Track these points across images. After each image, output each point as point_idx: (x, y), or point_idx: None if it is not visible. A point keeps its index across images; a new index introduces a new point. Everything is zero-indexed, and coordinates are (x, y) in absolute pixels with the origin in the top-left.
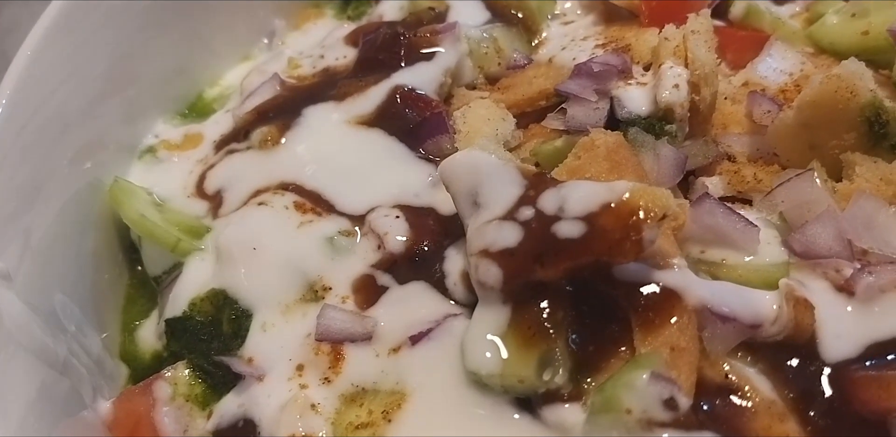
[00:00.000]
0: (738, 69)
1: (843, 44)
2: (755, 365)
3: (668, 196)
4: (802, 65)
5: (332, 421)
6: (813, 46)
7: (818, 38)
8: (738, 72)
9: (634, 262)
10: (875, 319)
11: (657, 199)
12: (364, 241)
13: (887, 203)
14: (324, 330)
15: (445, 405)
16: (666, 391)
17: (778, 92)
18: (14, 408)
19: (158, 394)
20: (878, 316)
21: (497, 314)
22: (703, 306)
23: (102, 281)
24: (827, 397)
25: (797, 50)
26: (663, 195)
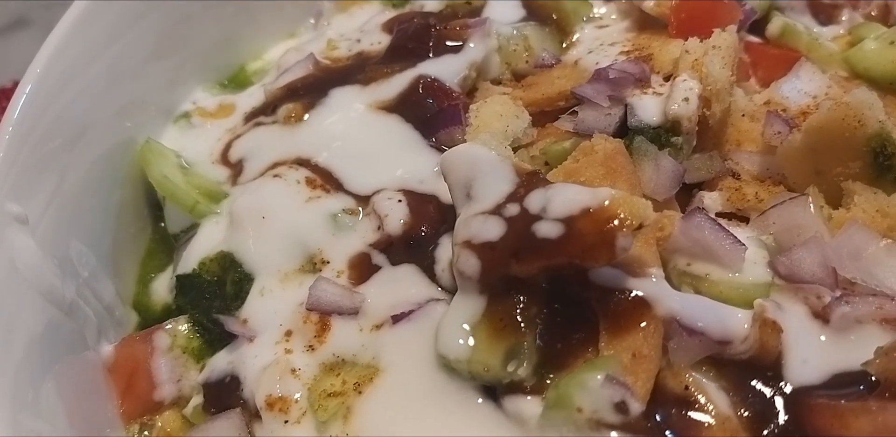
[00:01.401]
0: (767, 87)
1: (878, 70)
2: (717, 380)
3: (647, 207)
4: (829, 88)
5: (309, 387)
6: (848, 71)
7: (854, 63)
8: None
9: (611, 268)
10: (846, 349)
11: (636, 208)
12: (365, 220)
13: (879, 236)
14: (315, 300)
15: (414, 384)
16: (618, 395)
17: (798, 113)
18: (18, 344)
19: (158, 344)
20: (850, 346)
21: (473, 304)
22: (673, 318)
23: (125, 233)
24: (781, 419)
25: (829, 73)
26: (642, 206)
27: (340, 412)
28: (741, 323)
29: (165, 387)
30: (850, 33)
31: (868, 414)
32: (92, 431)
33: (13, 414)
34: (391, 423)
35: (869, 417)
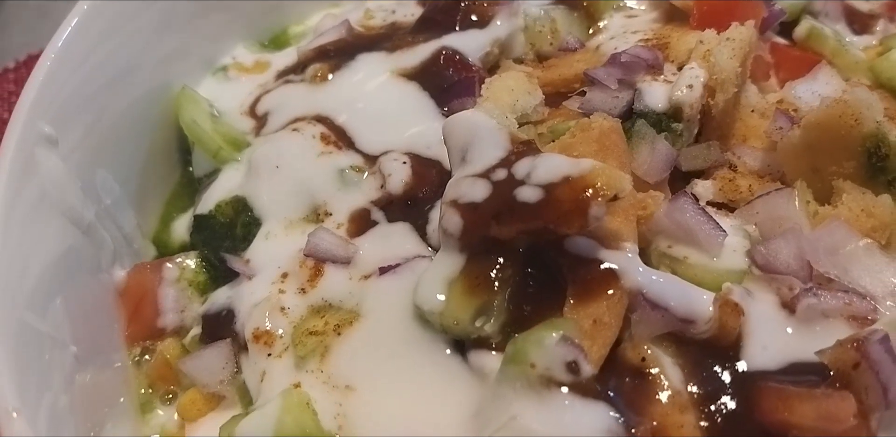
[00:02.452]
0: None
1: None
2: (675, 356)
3: (623, 179)
4: (844, 93)
5: (294, 325)
6: (872, 80)
7: (878, 72)
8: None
9: (587, 238)
10: (808, 340)
11: (613, 180)
12: (370, 178)
13: (860, 235)
14: (312, 247)
15: (389, 331)
16: (570, 355)
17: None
18: (36, 257)
19: (166, 274)
20: (813, 338)
21: (453, 261)
22: (639, 291)
23: (153, 172)
24: (730, 399)
25: (852, 80)
26: (620, 178)
27: (318, 350)
28: (707, 305)
29: (169, 316)
30: (881, 44)
31: (813, 400)
32: (93, 345)
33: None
34: (363, 364)
35: (813, 403)
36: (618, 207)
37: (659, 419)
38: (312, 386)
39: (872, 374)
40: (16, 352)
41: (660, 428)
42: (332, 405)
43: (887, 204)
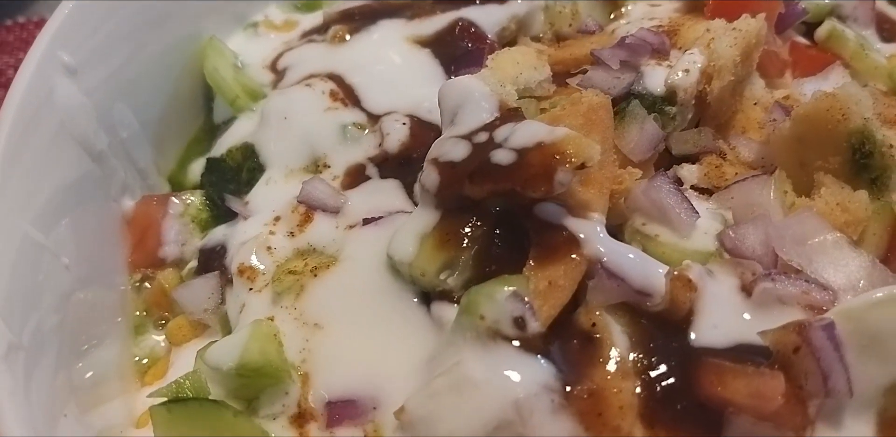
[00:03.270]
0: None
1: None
2: (625, 325)
3: (592, 148)
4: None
5: (278, 264)
6: (891, 86)
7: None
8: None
9: (556, 205)
10: (760, 324)
11: (582, 148)
12: (370, 136)
13: (831, 228)
14: (306, 195)
15: (362, 277)
16: (518, 310)
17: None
18: (47, 180)
19: (171, 208)
20: (766, 323)
21: (428, 216)
22: (599, 259)
23: (176, 115)
24: (673, 371)
25: (869, 85)
26: (590, 147)
27: (294, 288)
28: (664, 279)
29: (170, 247)
30: None
31: (745, 377)
32: (95, 267)
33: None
34: (333, 305)
35: (745, 380)
36: (593, 179)
37: (598, 381)
38: (284, 321)
39: (813, 360)
40: (13, 263)
41: (597, 391)
42: (299, 341)
43: (863, 200)
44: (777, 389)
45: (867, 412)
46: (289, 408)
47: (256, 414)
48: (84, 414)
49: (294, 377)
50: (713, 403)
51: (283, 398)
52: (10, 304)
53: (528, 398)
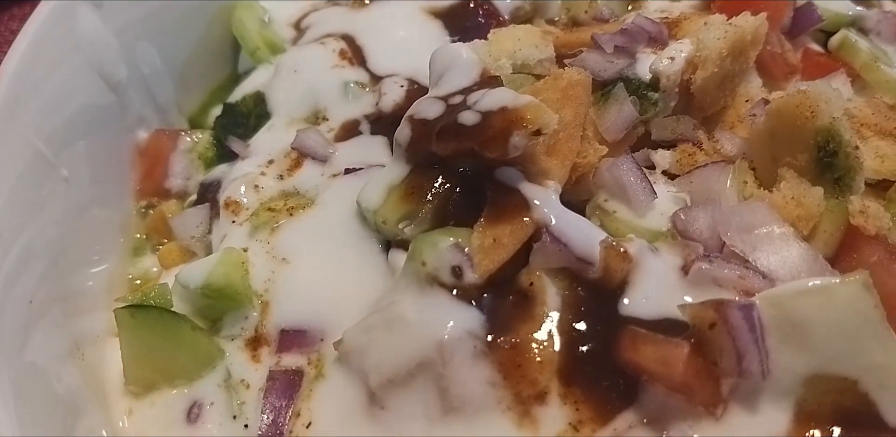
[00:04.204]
0: None
1: None
2: (562, 288)
3: (550, 117)
4: (849, 102)
5: (261, 201)
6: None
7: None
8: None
9: (516, 170)
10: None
11: (541, 116)
12: (369, 95)
13: (781, 221)
14: (299, 142)
15: (333, 221)
16: (457, 261)
17: None
18: (61, 106)
19: (181, 144)
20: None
21: (398, 169)
22: (546, 224)
23: (202, 61)
24: (596, 335)
25: (874, 97)
26: (547, 115)
27: (270, 224)
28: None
29: (176, 180)
30: None
31: (655, 344)
32: (104, 189)
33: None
34: (302, 243)
35: (655, 346)
36: (557, 150)
37: (523, 336)
38: (256, 253)
39: (729, 338)
40: (19, 173)
41: (520, 344)
42: (266, 272)
43: (817, 196)
44: (679, 356)
45: (785, 399)
46: (247, 331)
47: (218, 334)
48: (66, 319)
49: (255, 304)
50: (627, 367)
51: (243, 322)
52: (8, 211)
53: (451, 341)
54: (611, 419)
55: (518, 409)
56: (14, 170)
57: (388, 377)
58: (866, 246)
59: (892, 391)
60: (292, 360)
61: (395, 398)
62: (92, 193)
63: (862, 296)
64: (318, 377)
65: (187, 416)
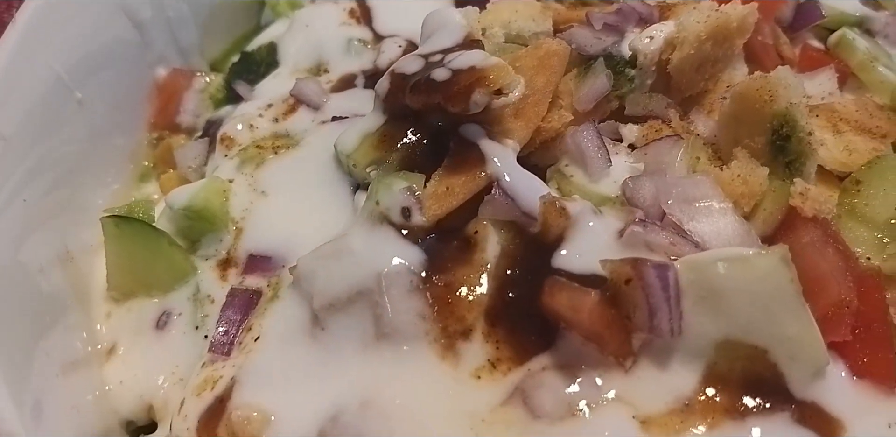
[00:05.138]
0: None
1: None
2: (505, 239)
3: (511, 78)
4: (829, 96)
5: (253, 140)
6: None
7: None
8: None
9: (479, 127)
10: None
11: (503, 76)
12: (370, 52)
13: (722, 196)
14: (297, 90)
15: (312, 162)
16: (407, 203)
17: None
18: (83, 36)
19: (195, 84)
20: None
21: (376, 119)
22: (498, 179)
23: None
24: (526, 282)
25: (865, 96)
26: (509, 75)
27: (256, 160)
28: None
29: (186, 116)
30: None
31: (568, 291)
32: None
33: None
34: (282, 179)
35: (568, 293)
36: (524, 113)
37: (458, 277)
38: (240, 185)
39: (642, 294)
40: (41, 96)
41: (454, 283)
42: (245, 202)
43: (761, 175)
44: (587, 303)
45: (697, 361)
46: (220, 253)
47: (194, 253)
48: (66, 227)
49: (230, 230)
50: (549, 314)
51: (217, 245)
52: (22, 130)
53: (390, 274)
54: (527, 359)
55: (443, 342)
56: (34, 92)
57: (329, 300)
58: (803, 227)
59: (800, 364)
60: (254, 281)
61: (334, 321)
62: (108, 121)
63: (779, 269)
64: (274, 298)
65: (156, 323)
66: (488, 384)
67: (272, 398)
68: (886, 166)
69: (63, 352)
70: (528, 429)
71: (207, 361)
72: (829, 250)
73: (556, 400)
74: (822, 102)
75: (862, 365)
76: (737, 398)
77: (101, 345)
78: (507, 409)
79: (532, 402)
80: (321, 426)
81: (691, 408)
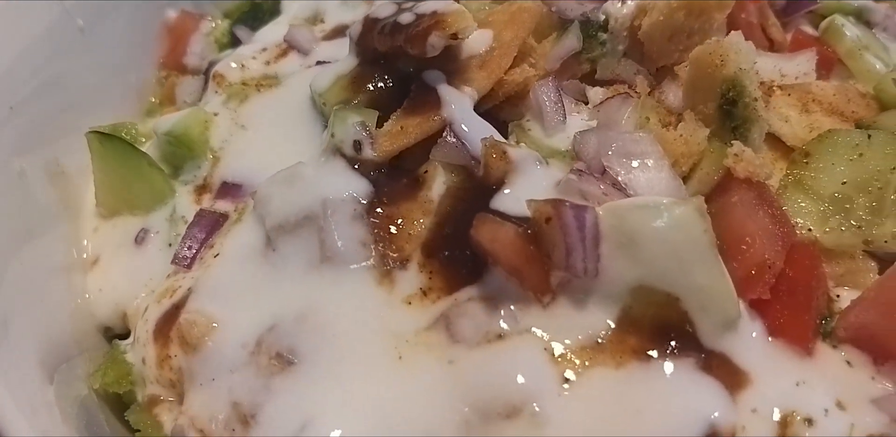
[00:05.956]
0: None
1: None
2: (452, 180)
3: (467, 22)
4: (805, 76)
5: (241, 78)
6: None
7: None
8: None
9: (441, 73)
10: None
11: (459, 21)
12: (364, 6)
13: (661, 154)
14: (290, 36)
15: (291, 100)
16: (359, 136)
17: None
18: None
19: (202, 27)
20: None
21: (349, 62)
22: (451, 122)
23: None
24: (463, 219)
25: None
26: (466, 21)
27: (240, 96)
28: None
29: (193, 57)
30: None
31: (490, 224)
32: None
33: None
34: (261, 114)
35: (490, 226)
36: (488, 64)
37: (402, 210)
38: (223, 118)
39: (560, 234)
40: (46, 28)
41: (396, 215)
42: (226, 133)
43: (701, 136)
44: (504, 234)
45: (612, 304)
46: (197, 179)
47: (176, 178)
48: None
49: (209, 158)
50: (477, 248)
51: (196, 171)
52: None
53: (335, 201)
54: (455, 290)
55: (381, 269)
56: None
57: (279, 222)
58: (736, 188)
59: (710, 313)
60: (224, 206)
61: (284, 243)
62: (118, 56)
63: (693, 219)
64: (237, 222)
65: (136, 239)
66: (417, 310)
67: (220, 307)
68: (838, 141)
69: (50, 259)
70: (446, 352)
71: (171, 272)
72: (760, 212)
73: (475, 328)
74: (797, 81)
75: (779, 325)
76: (646, 342)
77: (86, 255)
78: (430, 333)
79: (453, 328)
80: (259, 335)
81: (602, 346)
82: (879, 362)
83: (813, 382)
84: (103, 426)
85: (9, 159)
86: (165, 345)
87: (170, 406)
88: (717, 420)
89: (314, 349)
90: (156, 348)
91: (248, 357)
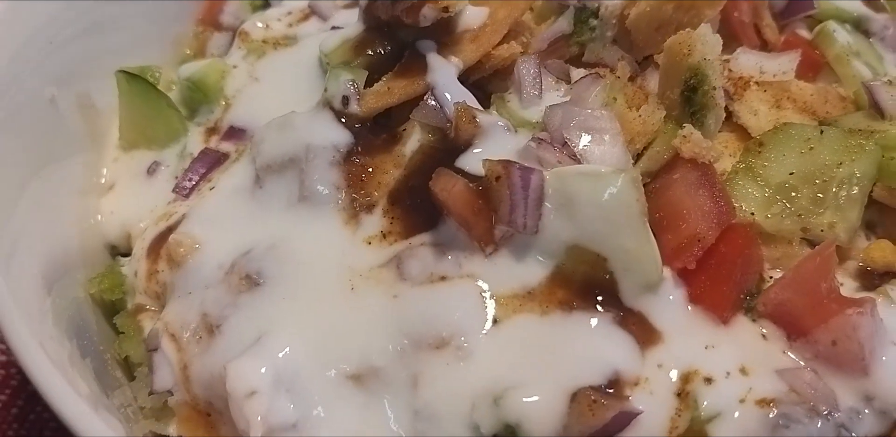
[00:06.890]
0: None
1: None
2: (425, 138)
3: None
4: (784, 74)
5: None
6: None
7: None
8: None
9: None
10: None
11: None
12: None
13: (618, 129)
14: (314, 1)
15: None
16: (347, 92)
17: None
18: None
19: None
20: None
21: (357, 28)
22: (433, 87)
23: None
24: (427, 173)
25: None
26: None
27: (258, 52)
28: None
29: (227, 17)
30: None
31: (445, 176)
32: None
33: None
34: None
35: (444, 178)
36: (479, 38)
37: (375, 161)
38: (241, 70)
39: (506, 191)
40: None
41: (370, 165)
42: (240, 84)
43: (657, 118)
44: (454, 186)
45: (549, 260)
46: (209, 122)
47: (191, 120)
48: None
49: (221, 104)
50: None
51: (209, 115)
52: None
53: (316, 147)
54: (411, 235)
55: (349, 211)
56: None
57: (267, 162)
58: (681, 167)
59: (633, 275)
60: (226, 147)
61: (270, 181)
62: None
63: (628, 188)
64: (235, 161)
65: (148, 170)
66: (375, 249)
67: (206, 231)
68: (791, 134)
69: (70, 181)
70: (393, 287)
71: (171, 200)
72: (701, 190)
73: (422, 268)
74: (775, 79)
75: (699, 294)
76: (573, 296)
77: (104, 181)
78: (382, 270)
79: (403, 267)
80: (235, 258)
81: (532, 296)
82: (793, 338)
83: (722, 347)
84: (92, 326)
85: (42, 86)
86: (155, 261)
87: (152, 315)
88: (621, 369)
89: (279, 274)
90: (147, 263)
91: (223, 276)
